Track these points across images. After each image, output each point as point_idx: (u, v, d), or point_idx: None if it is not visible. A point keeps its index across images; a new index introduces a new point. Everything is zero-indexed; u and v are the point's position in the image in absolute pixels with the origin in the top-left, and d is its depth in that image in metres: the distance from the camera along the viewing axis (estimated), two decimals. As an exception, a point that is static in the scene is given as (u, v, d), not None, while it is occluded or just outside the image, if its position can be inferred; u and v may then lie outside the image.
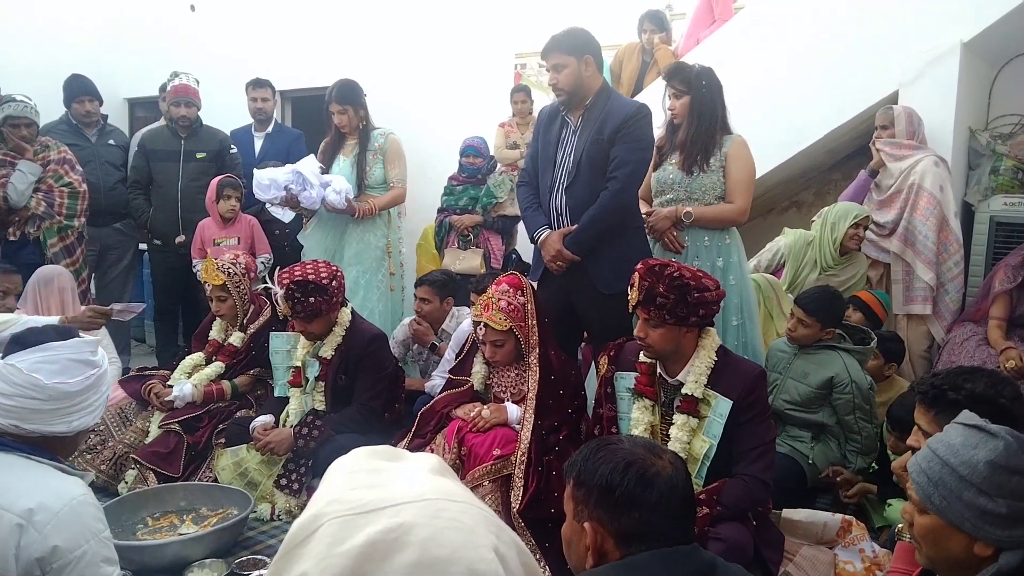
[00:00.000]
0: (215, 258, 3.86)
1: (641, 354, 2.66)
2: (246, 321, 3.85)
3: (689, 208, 3.27)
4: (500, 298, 2.97)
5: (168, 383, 3.70)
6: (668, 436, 2.54)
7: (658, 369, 2.64)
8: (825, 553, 2.68)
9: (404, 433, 3.20)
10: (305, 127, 6.06)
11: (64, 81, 5.14)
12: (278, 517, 3.22)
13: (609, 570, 1.37)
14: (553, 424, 2.91)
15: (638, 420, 2.62)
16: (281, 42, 6.56)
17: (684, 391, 2.53)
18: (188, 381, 3.68)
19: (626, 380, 2.71)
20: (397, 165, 4.39)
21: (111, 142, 5.25)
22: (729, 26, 4.78)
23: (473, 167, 4.97)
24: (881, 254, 4.14)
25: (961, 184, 4.40)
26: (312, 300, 3.28)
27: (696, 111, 3.27)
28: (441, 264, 4.92)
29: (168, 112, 5.06)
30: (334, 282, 3.37)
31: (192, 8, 6.99)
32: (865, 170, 4.26)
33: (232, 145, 5.14)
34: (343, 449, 0.95)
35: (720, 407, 2.47)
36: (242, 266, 3.80)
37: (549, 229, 3.24)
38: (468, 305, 4.17)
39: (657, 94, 3.80)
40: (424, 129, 5.78)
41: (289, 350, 3.57)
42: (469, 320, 3.49)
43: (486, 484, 2.80)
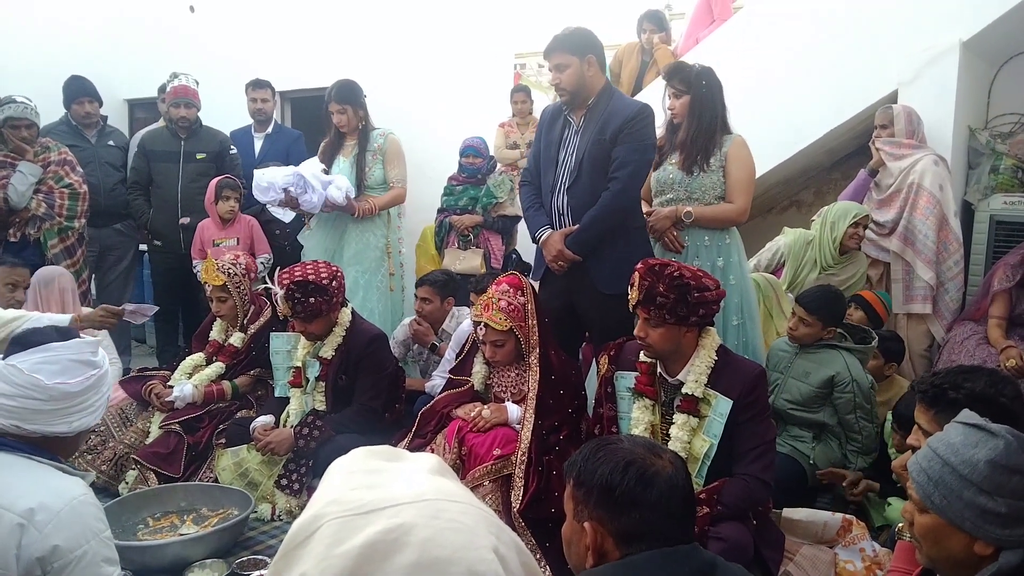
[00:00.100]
0: (215, 259, 3.86)
1: (641, 354, 2.65)
2: (246, 321, 3.85)
3: (689, 208, 3.27)
4: (500, 298, 2.97)
5: (168, 384, 3.70)
6: (668, 436, 2.54)
7: (658, 369, 2.64)
8: (825, 552, 2.68)
9: (404, 433, 3.20)
10: (305, 128, 6.06)
11: (64, 82, 5.14)
12: (279, 517, 3.23)
13: (609, 570, 1.37)
14: (553, 424, 2.91)
15: (638, 420, 2.62)
16: (281, 43, 6.56)
17: (684, 391, 2.53)
18: (188, 382, 3.68)
19: (626, 380, 2.71)
20: (397, 165, 4.39)
21: (111, 143, 5.25)
22: (728, 26, 4.78)
23: (473, 167, 4.96)
24: (881, 253, 4.14)
25: (961, 183, 4.40)
26: (312, 300, 3.28)
27: (696, 111, 3.27)
28: (441, 264, 4.91)
29: (168, 113, 5.06)
30: (334, 282, 3.37)
31: (192, 9, 6.99)
32: (865, 169, 4.25)
33: (232, 146, 5.14)
34: (343, 449, 0.95)
35: (720, 406, 2.47)
36: (242, 266, 3.80)
37: (551, 229, 3.24)
38: (468, 305, 4.17)
39: (657, 94, 3.80)
40: (424, 129, 5.78)
41: (289, 350, 3.57)
42: (469, 320, 3.49)
43: (486, 484, 2.80)
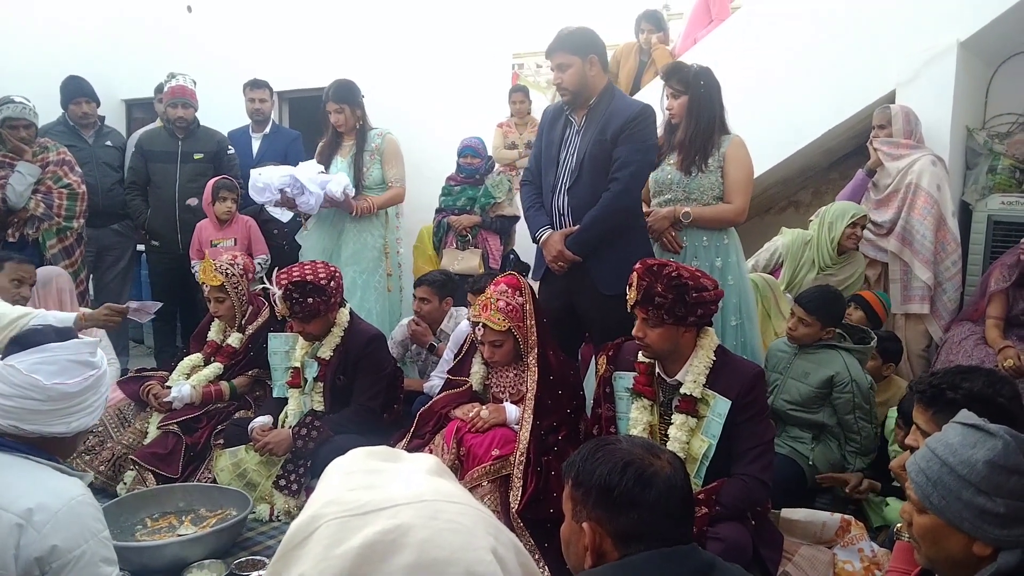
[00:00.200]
0: (212, 259, 3.86)
1: (640, 354, 2.65)
2: (244, 322, 3.84)
3: (688, 208, 3.27)
4: (498, 298, 2.97)
5: (167, 384, 3.70)
6: (667, 436, 2.54)
7: (656, 369, 2.64)
8: (824, 553, 2.68)
9: (403, 433, 3.19)
10: (302, 128, 6.05)
11: (61, 83, 5.13)
12: (277, 518, 3.22)
13: (608, 570, 1.37)
14: (552, 424, 2.90)
15: (637, 420, 2.62)
16: (278, 43, 6.56)
17: (683, 391, 2.53)
18: (186, 382, 3.67)
19: (625, 380, 2.71)
20: (395, 165, 4.39)
21: (108, 143, 5.24)
22: (726, 26, 4.78)
23: (471, 167, 4.96)
24: (879, 253, 4.15)
25: (959, 183, 4.41)
26: (310, 300, 3.28)
27: (694, 111, 3.27)
28: (438, 265, 4.91)
29: (165, 113, 5.06)
30: (332, 282, 3.36)
31: (189, 9, 6.99)
32: (863, 169, 4.26)
33: (229, 146, 5.14)
34: (342, 450, 0.95)
35: (719, 407, 2.47)
36: (240, 267, 3.80)
37: (551, 229, 3.23)
38: (466, 305, 4.17)
39: (655, 94, 3.80)
40: (422, 129, 5.78)
41: (288, 351, 3.57)
42: (467, 320, 3.49)
43: (485, 484, 2.80)
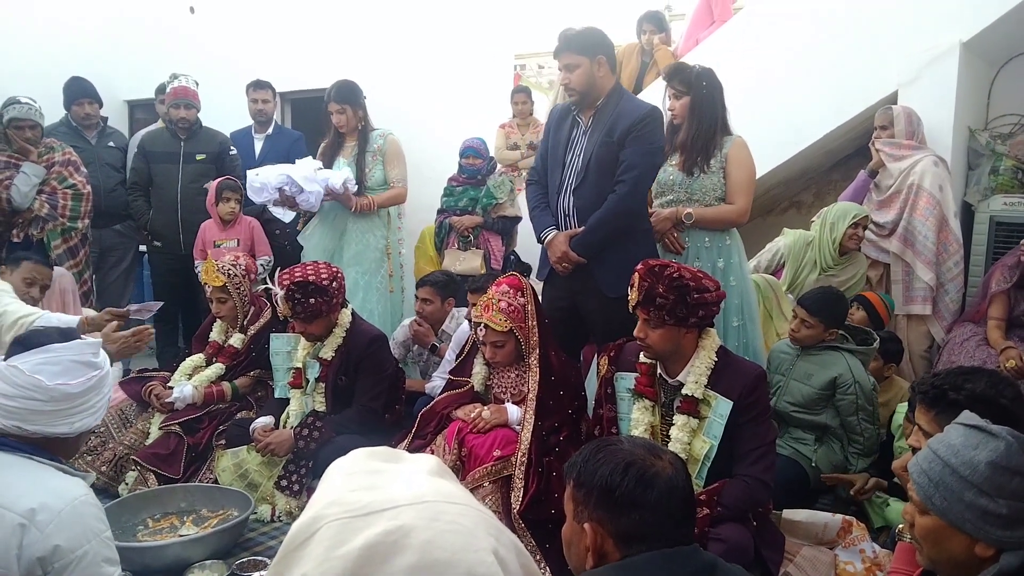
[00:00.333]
0: (215, 260, 3.86)
1: (641, 355, 2.65)
2: (246, 322, 3.85)
3: (690, 209, 3.26)
4: (500, 299, 2.97)
5: (168, 385, 3.70)
6: (668, 437, 2.54)
7: (658, 370, 2.64)
8: (825, 554, 2.67)
9: (404, 434, 3.20)
10: (304, 129, 6.06)
11: (64, 83, 5.15)
12: (278, 518, 3.22)
13: (609, 571, 1.37)
14: (553, 425, 2.90)
15: (638, 421, 2.62)
16: (280, 43, 6.56)
17: (684, 392, 2.53)
18: (188, 383, 3.68)
19: (626, 381, 2.71)
20: (397, 165, 4.39)
21: (111, 144, 5.26)
22: (728, 27, 4.78)
23: (473, 168, 4.96)
24: (881, 254, 4.14)
25: (961, 184, 4.40)
26: (312, 301, 3.28)
27: (696, 112, 3.27)
28: (440, 265, 4.91)
29: (167, 114, 5.06)
30: (334, 283, 3.36)
31: (192, 10, 7.00)
32: (864, 170, 4.26)
33: (232, 147, 5.14)
34: (343, 450, 0.95)
35: (720, 408, 2.47)
36: (242, 267, 3.80)
37: (556, 230, 3.22)
38: (466, 306, 4.16)
39: (657, 95, 3.81)
40: (423, 130, 5.79)
41: (289, 351, 3.57)
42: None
43: (486, 485, 2.80)
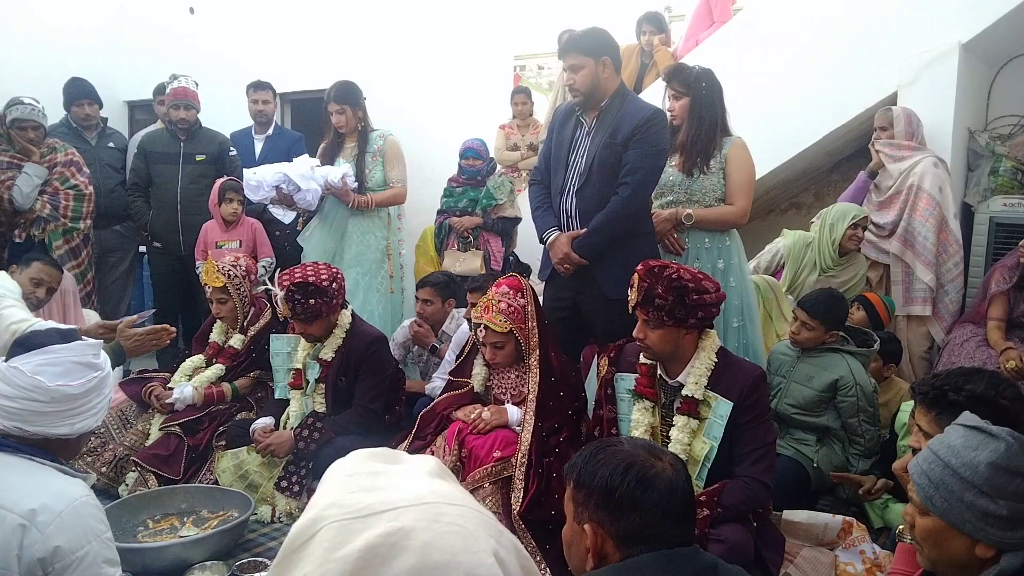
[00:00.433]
0: (215, 260, 3.86)
1: (641, 355, 2.65)
2: (246, 323, 3.85)
3: (690, 210, 3.26)
4: (500, 300, 2.97)
5: (168, 385, 3.70)
6: (668, 438, 2.54)
7: (658, 370, 2.64)
8: (826, 555, 2.67)
9: (404, 435, 3.20)
10: (304, 129, 6.06)
11: (64, 84, 5.15)
12: (279, 519, 3.22)
13: (609, 572, 1.37)
14: (553, 426, 2.90)
15: (638, 422, 2.62)
16: (280, 44, 6.56)
17: (684, 392, 2.53)
18: (188, 383, 3.68)
19: (626, 381, 2.71)
20: (397, 166, 4.40)
21: (111, 145, 5.26)
22: (728, 27, 4.79)
23: (473, 169, 4.96)
24: (881, 255, 4.14)
25: (960, 185, 4.40)
26: (312, 302, 3.28)
27: (696, 113, 3.26)
28: (440, 266, 4.91)
29: (167, 115, 5.06)
30: (334, 284, 3.36)
31: (191, 11, 7.00)
32: (864, 171, 4.26)
33: (231, 147, 5.14)
34: (343, 451, 0.95)
35: (720, 408, 2.47)
36: (242, 268, 3.80)
37: (558, 231, 3.21)
38: (466, 307, 4.16)
39: (656, 96, 3.81)
40: (423, 131, 5.79)
41: (289, 352, 3.57)
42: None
43: (486, 486, 2.80)
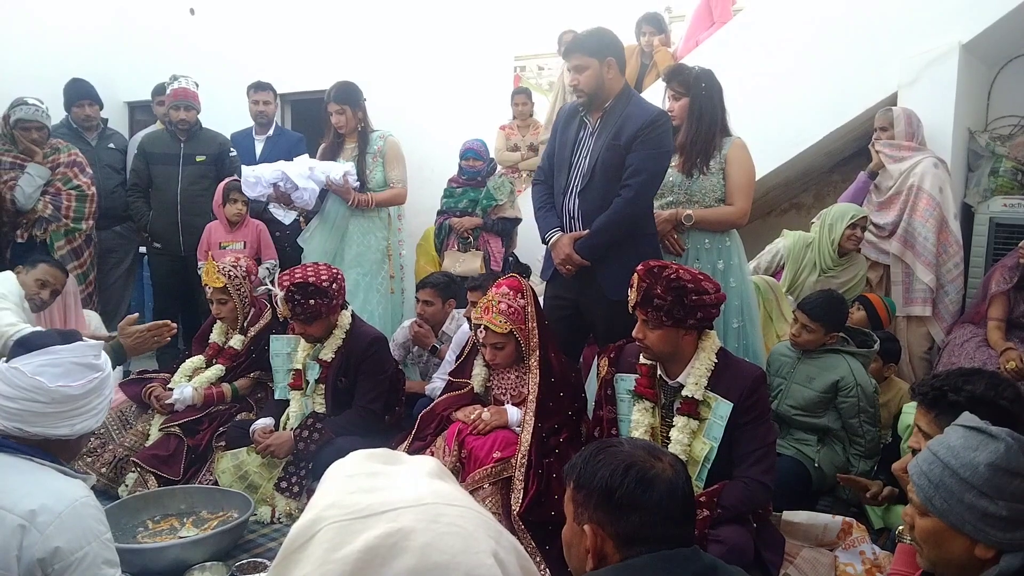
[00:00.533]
0: (216, 261, 3.87)
1: (641, 356, 2.65)
2: (246, 324, 3.85)
3: (689, 211, 3.26)
4: (500, 301, 2.97)
5: (168, 386, 3.70)
6: (668, 438, 2.54)
7: (658, 371, 2.64)
8: (825, 555, 2.67)
9: (404, 435, 3.20)
10: (304, 130, 6.06)
11: (64, 85, 5.15)
12: (278, 520, 3.22)
13: (609, 572, 1.37)
14: (553, 426, 2.90)
15: (638, 422, 2.62)
16: (280, 45, 6.57)
17: (684, 393, 2.53)
18: (188, 384, 3.68)
19: (626, 382, 2.71)
20: (397, 167, 4.40)
21: (111, 146, 5.26)
22: (728, 28, 4.79)
23: (473, 170, 4.96)
24: (881, 256, 4.14)
25: (960, 185, 4.40)
26: (312, 302, 3.28)
27: (696, 113, 3.26)
28: (440, 266, 4.91)
29: (167, 115, 5.06)
30: (334, 284, 3.36)
31: (192, 11, 7.00)
32: (864, 172, 4.26)
33: (232, 148, 5.14)
34: (343, 452, 0.95)
35: (720, 409, 2.47)
36: (243, 269, 3.80)
37: (561, 231, 3.20)
38: (465, 308, 4.16)
39: (656, 96, 3.81)
40: (423, 131, 5.79)
41: (289, 353, 3.57)
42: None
43: (486, 487, 2.80)
